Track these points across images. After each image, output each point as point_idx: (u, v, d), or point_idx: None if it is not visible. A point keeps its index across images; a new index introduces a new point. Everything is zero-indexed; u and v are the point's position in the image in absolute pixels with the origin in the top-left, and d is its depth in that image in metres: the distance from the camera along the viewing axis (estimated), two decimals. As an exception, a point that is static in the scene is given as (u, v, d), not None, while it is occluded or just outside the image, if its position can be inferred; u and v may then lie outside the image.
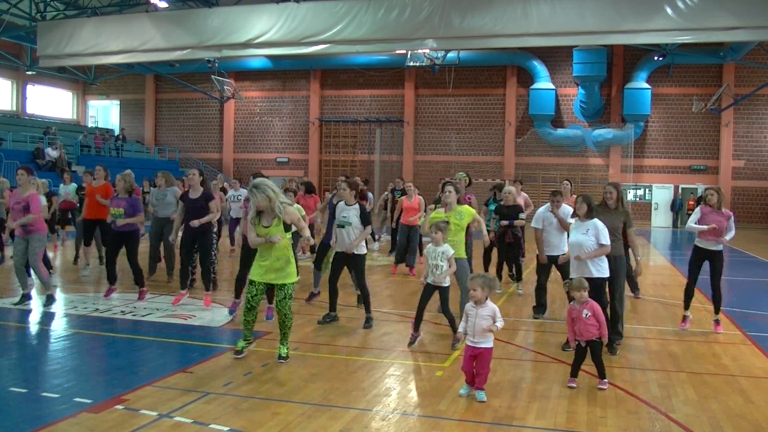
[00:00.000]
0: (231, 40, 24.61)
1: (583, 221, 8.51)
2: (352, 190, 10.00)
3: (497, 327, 6.82)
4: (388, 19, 22.49)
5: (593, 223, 8.42)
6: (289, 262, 7.91)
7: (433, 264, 8.61)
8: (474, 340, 6.89)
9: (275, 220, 7.75)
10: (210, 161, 44.16)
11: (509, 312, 11.26)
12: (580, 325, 7.18)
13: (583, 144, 37.74)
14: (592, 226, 8.39)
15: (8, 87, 42.25)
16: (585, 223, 8.47)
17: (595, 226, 8.38)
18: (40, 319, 10.48)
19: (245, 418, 6.08)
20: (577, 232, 8.52)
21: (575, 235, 8.50)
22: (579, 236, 8.42)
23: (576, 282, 7.34)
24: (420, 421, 6.17)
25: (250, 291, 7.89)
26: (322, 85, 42.40)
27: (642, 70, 36.33)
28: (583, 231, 8.41)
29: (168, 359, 8.25)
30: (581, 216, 8.52)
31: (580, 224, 8.54)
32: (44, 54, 27.82)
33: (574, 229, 8.66)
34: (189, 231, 11.05)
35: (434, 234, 8.59)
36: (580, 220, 8.56)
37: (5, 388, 6.81)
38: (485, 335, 6.87)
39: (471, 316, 6.95)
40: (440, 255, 8.57)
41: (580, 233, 8.44)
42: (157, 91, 45.87)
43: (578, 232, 8.49)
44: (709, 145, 37.01)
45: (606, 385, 7.15)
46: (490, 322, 6.83)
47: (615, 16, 20.47)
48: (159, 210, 13.43)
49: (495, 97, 39.61)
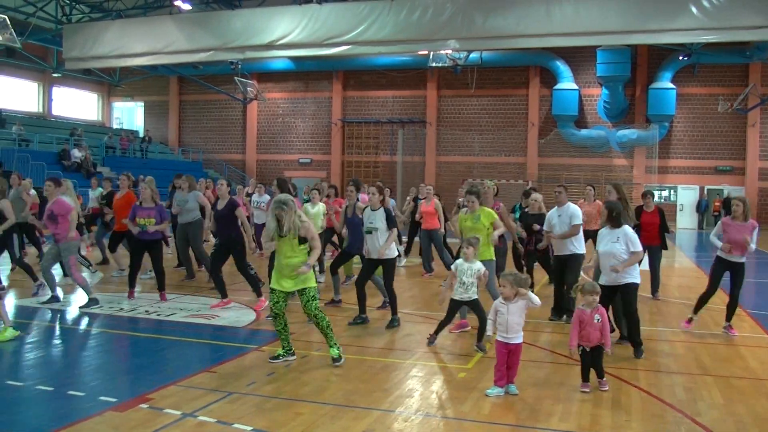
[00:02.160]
0: (254, 41, 24.73)
1: (611, 229, 8.39)
2: (380, 195, 10.03)
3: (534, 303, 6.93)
4: (410, 20, 22.48)
5: (623, 231, 8.30)
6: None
7: (467, 281, 8.50)
8: (507, 336, 6.90)
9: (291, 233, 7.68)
10: (233, 162, 44.34)
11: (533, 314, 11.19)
12: (589, 330, 7.04)
13: (607, 145, 37.47)
14: (622, 234, 8.28)
15: (35, 89, 42.65)
16: (614, 231, 8.35)
17: (625, 234, 8.27)
18: (66, 318, 10.58)
19: (268, 418, 6.10)
20: (606, 240, 8.38)
21: (605, 244, 8.36)
22: (609, 245, 8.29)
23: (588, 286, 7.20)
24: (443, 423, 6.16)
25: (272, 299, 7.89)
26: (344, 86, 42.42)
27: (666, 69, 36.01)
28: (614, 239, 8.29)
29: (192, 359, 8.30)
30: (603, 223, 8.41)
31: (610, 232, 8.40)
32: (70, 56, 28.09)
33: (603, 237, 8.51)
34: (222, 241, 11.16)
35: (465, 249, 8.52)
36: (609, 228, 8.43)
37: (32, 387, 6.88)
38: (517, 328, 6.90)
39: (502, 313, 6.94)
40: (472, 272, 8.50)
41: (610, 241, 8.31)
42: (181, 93, 46.12)
43: (608, 240, 8.35)
44: (735, 145, 36.62)
45: (606, 386, 7.10)
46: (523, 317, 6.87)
47: (639, 15, 20.33)
48: (182, 215, 13.40)
49: (518, 98, 39.45)
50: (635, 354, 8.44)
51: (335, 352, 7.86)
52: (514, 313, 6.88)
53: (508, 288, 6.93)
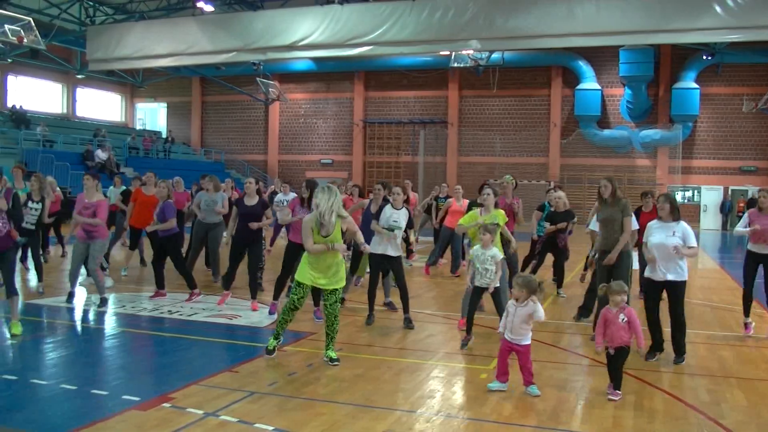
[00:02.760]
0: (276, 42, 24.82)
1: (667, 222, 8.23)
2: (404, 195, 10.11)
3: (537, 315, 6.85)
4: (431, 21, 22.46)
5: (681, 226, 8.16)
6: (341, 266, 7.91)
7: (483, 268, 8.56)
8: (511, 336, 6.92)
9: (336, 226, 7.71)
10: (255, 163, 44.53)
11: (553, 315, 11.17)
12: (613, 330, 6.85)
13: (630, 145, 37.26)
14: (680, 228, 8.14)
15: (59, 90, 43.07)
16: (670, 224, 8.19)
17: (682, 229, 8.13)
18: (89, 317, 10.66)
19: (289, 418, 6.11)
20: (661, 233, 8.18)
21: (659, 237, 8.16)
22: (664, 238, 8.11)
23: (615, 286, 7.08)
24: (464, 424, 6.15)
25: (298, 293, 7.86)
26: (366, 87, 42.47)
27: (690, 69, 35.73)
28: (669, 233, 8.11)
29: (214, 358, 8.34)
30: (664, 217, 8.23)
31: (665, 225, 8.23)
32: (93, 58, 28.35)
33: (656, 230, 8.30)
34: (241, 237, 11.12)
35: (483, 235, 8.53)
36: (663, 221, 8.27)
37: (56, 385, 6.94)
38: (522, 331, 6.90)
39: (510, 314, 6.97)
40: (489, 259, 8.52)
41: (665, 235, 8.13)
42: (204, 94, 46.38)
43: (663, 233, 8.16)
44: (760, 145, 36.26)
45: (618, 397, 6.79)
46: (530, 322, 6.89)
47: (662, 14, 20.18)
48: (207, 215, 13.39)
49: (540, 98, 39.32)
50: (675, 360, 8.24)
51: (334, 354, 7.91)
52: (519, 315, 6.87)
53: (517, 290, 6.94)
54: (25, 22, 26.56)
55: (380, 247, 10.01)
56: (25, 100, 38.47)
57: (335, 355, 7.90)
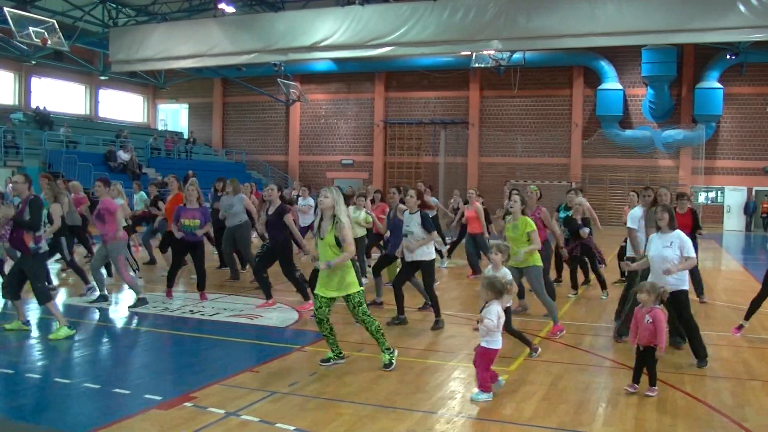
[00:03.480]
0: (297, 43, 24.85)
1: (665, 233, 8.10)
2: (418, 199, 10.03)
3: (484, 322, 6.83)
4: (452, 21, 22.41)
5: (677, 235, 8.04)
6: (347, 273, 7.71)
7: None
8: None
9: (329, 231, 7.61)
10: (276, 163, 44.65)
11: (575, 317, 11.12)
12: (640, 329, 7.04)
13: (652, 145, 36.99)
14: (677, 238, 8.02)
15: (82, 91, 43.38)
16: (668, 235, 8.08)
17: (679, 238, 8.01)
18: (112, 317, 10.75)
19: (310, 418, 6.13)
20: (659, 244, 8.09)
21: (657, 248, 8.08)
22: (662, 249, 8.02)
23: (648, 286, 7.14)
24: (485, 425, 6.13)
25: (316, 304, 7.80)
26: (386, 88, 42.45)
27: (713, 69, 35.40)
28: (666, 243, 8.01)
29: (235, 358, 8.37)
30: (663, 227, 8.11)
31: (662, 236, 8.12)
32: (116, 59, 28.53)
33: (654, 240, 8.23)
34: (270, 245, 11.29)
35: (494, 255, 8.30)
36: (662, 232, 8.15)
37: (80, 384, 7.00)
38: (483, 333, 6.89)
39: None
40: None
41: (662, 246, 8.04)
42: (225, 95, 46.56)
43: (660, 244, 8.07)
44: (785, 146, 35.94)
45: (654, 392, 6.94)
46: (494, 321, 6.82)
47: (684, 14, 19.99)
48: (228, 219, 13.50)
49: (561, 98, 39.12)
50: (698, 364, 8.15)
51: (386, 358, 7.79)
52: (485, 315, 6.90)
53: (483, 291, 7.01)
54: (49, 24, 26.78)
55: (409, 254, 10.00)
56: (48, 101, 38.78)
57: (387, 359, 7.79)
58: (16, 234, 9.02)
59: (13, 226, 9.02)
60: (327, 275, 7.67)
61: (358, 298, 7.76)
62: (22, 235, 9.03)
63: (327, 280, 7.69)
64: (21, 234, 9.03)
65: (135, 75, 39.54)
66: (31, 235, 9.08)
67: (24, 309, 9.54)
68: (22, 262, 9.14)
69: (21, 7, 26.66)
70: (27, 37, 25.92)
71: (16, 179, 9.57)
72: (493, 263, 8.30)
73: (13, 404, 6.46)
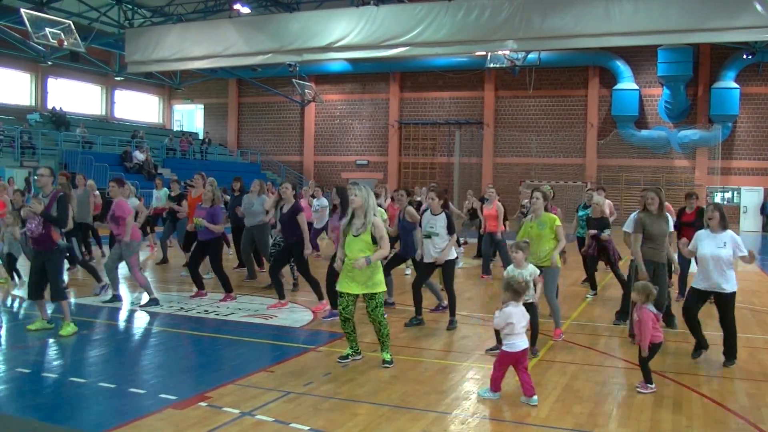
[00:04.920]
0: (312, 44, 24.85)
1: (716, 232, 8.07)
2: (440, 200, 9.97)
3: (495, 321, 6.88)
4: (467, 21, 22.35)
5: (730, 236, 8.00)
6: (375, 271, 7.73)
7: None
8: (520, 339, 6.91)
9: (365, 230, 7.61)
10: (291, 164, 44.73)
11: (590, 317, 11.08)
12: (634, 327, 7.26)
13: (668, 146, 36.80)
14: (729, 238, 7.98)
15: (98, 92, 43.65)
16: (720, 234, 8.03)
17: (733, 239, 7.97)
18: (127, 316, 10.79)
19: (325, 418, 6.13)
20: (710, 244, 8.03)
21: (709, 248, 8.01)
22: (716, 249, 7.95)
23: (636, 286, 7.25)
24: (499, 426, 6.12)
25: (341, 303, 7.77)
26: (401, 88, 42.45)
27: (730, 68, 35.18)
28: (720, 244, 7.95)
29: (250, 358, 8.37)
30: (714, 227, 8.07)
31: (714, 236, 8.06)
32: (132, 60, 28.63)
33: (703, 240, 8.16)
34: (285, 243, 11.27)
35: (515, 254, 8.31)
36: (713, 231, 8.10)
37: (95, 383, 7.03)
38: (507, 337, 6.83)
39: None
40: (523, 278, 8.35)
41: (715, 246, 7.97)
42: (240, 95, 46.71)
43: (713, 244, 8.00)
44: (802, 146, 35.67)
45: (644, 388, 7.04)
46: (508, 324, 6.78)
47: (700, 13, 19.84)
48: (247, 218, 13.55)
49: (576, 98, 38.98)
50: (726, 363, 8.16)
51: (387, 357, 7.89)
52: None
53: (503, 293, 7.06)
54: (65, 25, 26.93)
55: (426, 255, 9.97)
56: (64, 102, 39.06)
57: (389, 357, 7.88)
58: (45, 230, 9.05)
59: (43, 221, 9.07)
60: (353, 271, 7.62)
61: (381, 298, 7.79)
62: (50, 230, 9.10)
63: (353, 276, 7.66)
64: (49, 230, 9.09)
65: (150, 76, 39.73)
66: (57, 231, 9.17)
67: (46, 308, 9.60)
68: (46, 258, 9.16)
69: (38, 9, 26.84)
70: (43, 38, 26.08)
71: (42, 172, 9.53)
72: (516, 261, 8.29)
73: (30, 403, 6.49)
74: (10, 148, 31.16)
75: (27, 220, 9.26)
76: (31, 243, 9.42)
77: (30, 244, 9.62)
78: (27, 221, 9.26)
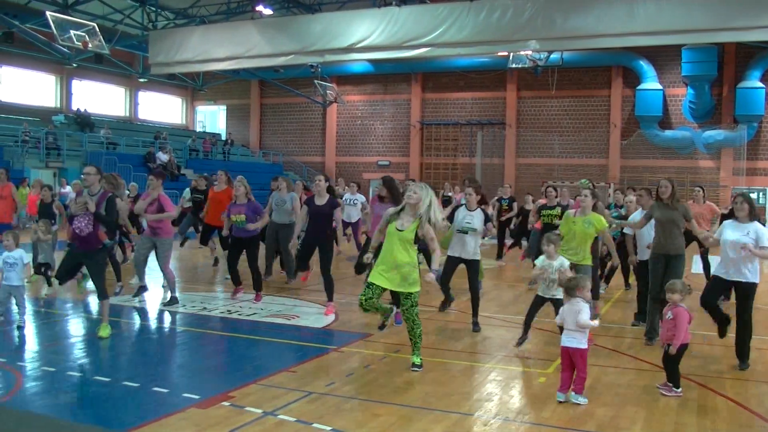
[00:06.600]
0: (333, 45, 24.91)
1: (743, 222, 8.07)
2: (477, 195, 9.94)
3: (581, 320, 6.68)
4: (489, 21, 22.30)
5: (755, 227, 7.99)
6: (415, 268, 7.65)
7: (550, 280, 8.33)
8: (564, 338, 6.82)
9: (411, 228, 7.50)
10: (313, 164, 44.79)
11: (615, 318, 11.01)
12: (664, 327, 7.08)
13: (692, 146, 36.48)
14: (753, 229, 7.96)
15: (122, 94, 43.94)
16: (745, 225, 8.04)
17: (756, 230, 7.94)
18: (151, 316, 10.87)
19: (347, 419, 6.14)
20: (735, 233, 8.03)
21: (732, 235, 8.03)
22: (738, 236, 7.96)
23: (670, 285, 7.14)
24: (522, 428, 6.09)
25: (366, 293, 7.60)
26: (423, 89, 42.39)
27: (755, 68, 34.79)
28: (744, 233, 7.95)
29: (272, 358, 8.41)
30: (742, 218, 8.07)
31: (740, 225, 8.08)
32: (155, 62, 28.83)
33: (729, 228, 8.17)
34: (311, 238, 10.88)
35: (546, 247, 8.33)
36: (740, 222, 8.11)
37: (119, 382, 7.08)
38: (574, 333, 6.73)
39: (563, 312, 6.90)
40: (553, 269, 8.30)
41: (739, 234, 7.98)
42: (262, 96, 46.85)
43: (737, 233, 8.00)
44: (829, 146, 35.24)
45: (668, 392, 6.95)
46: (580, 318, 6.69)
47: (725, 12, 19.67)
48: (276, 215, 13.47)
49: (600, 99, 38.74)
50: (740, 366, 8.07)
51: (417, 360, 7.75)
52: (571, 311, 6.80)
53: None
54: (90, 27, 27.15)
55: (456, 249, 9.95)
56: (89, 103, 39.34)
57: (418, 361, 7.74)
58: (93, 228, 8.91)
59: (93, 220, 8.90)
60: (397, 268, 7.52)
61: (417, 297, 7.68)
62: (98, 230, 8.96)
63: (390, 272, 7.55)
64: (98, 229, 8.94)
65: (174, 77, 39.93)
66: (104, 230, 9.12)
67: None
68: (87, 257, 9.06)
69: (63, 11, 27.08)
70: (68, 40, 26.30)
71: (88, 170, 9.22)
72: (547, 253, 8.33)
73: (55, 402, 6.56)
74: (35, 149, 31.42)
75: (75, 217, 8.89)
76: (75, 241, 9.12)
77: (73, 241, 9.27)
78: (75, 219, 8.89)
